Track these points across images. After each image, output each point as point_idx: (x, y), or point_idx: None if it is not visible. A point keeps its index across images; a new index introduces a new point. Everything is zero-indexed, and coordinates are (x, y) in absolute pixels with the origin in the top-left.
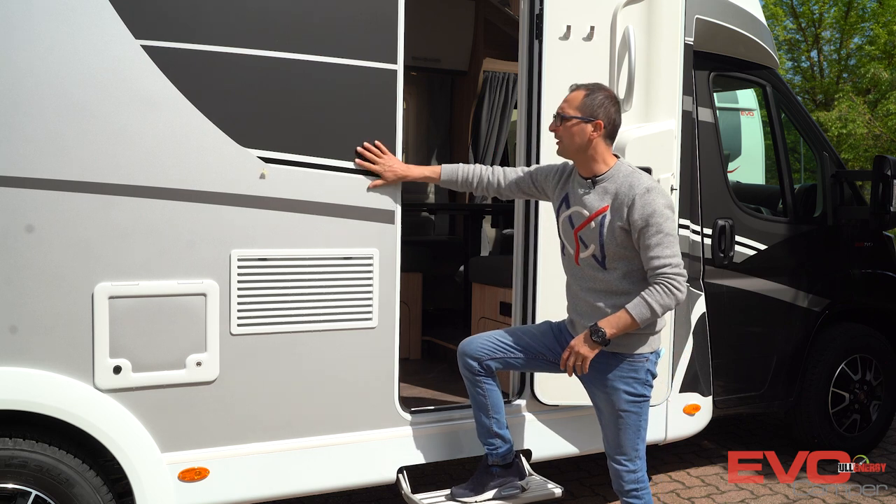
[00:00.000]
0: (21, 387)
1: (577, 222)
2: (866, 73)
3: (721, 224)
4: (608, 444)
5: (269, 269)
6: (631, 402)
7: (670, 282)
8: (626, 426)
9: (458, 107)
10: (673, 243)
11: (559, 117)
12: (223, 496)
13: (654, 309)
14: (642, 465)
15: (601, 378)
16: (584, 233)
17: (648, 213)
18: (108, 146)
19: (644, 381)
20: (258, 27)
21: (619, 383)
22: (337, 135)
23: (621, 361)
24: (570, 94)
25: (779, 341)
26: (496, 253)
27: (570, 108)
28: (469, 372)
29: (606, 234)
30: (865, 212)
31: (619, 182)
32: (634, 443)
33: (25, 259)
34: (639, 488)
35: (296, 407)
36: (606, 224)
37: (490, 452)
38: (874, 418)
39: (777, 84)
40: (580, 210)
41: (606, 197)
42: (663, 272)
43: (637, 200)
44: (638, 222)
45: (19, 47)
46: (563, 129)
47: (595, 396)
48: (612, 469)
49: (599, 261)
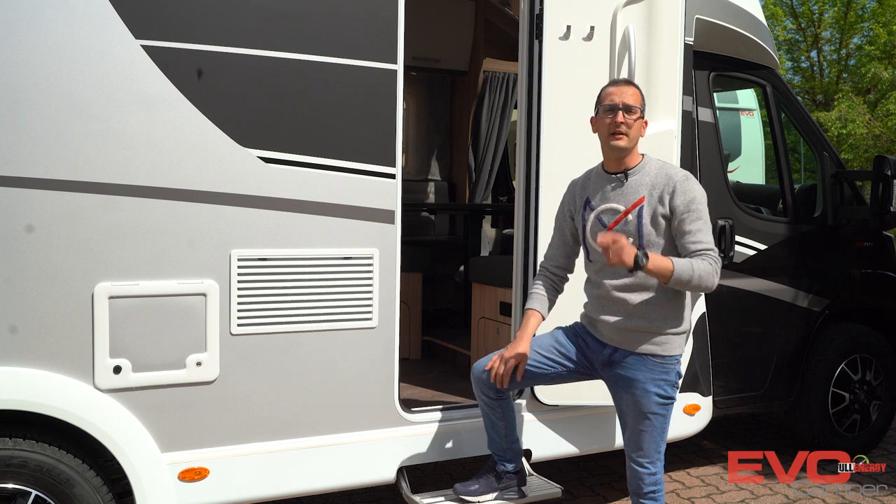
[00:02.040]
0: (21, 387)
1: (608, 220)
2: (867, 73)
3: (721, 224)
4: (630, 445)
5: (269, 269)
6: (660, 404)
7: (713, 259)
8: (653, 428)
9: (458, 107)
10: (710, 230)
11: (626, 109)
12: (223, 496)
13: (695, 272)
14: (662, 467)
15: (631, 381)
16: (619, 228)
17: (689, 199)
18: (108, 146)
19: (674, 384)
20: (258, 27)
21: (651, 386)
22: (337, 135)
23: (654, 364)
24: (625, 87)
25: (779, 341)
26: (496, 253)
27: (634, 100)
28: (487, 397)
29: (647, 223)
30: (865, 212)
31: (654, 173)
32: (658, 445)
33: (25, 259)
34: (656, 490)
35: (296, 407)
36: (645, 214)
37: (499, 460)
38: (874, 418)
39: (777, 84)
40: (612, 207)
41: (641, 188)
42: (707, 252)
43: (678, 187)
44: (680, 207)
45: (19, 47)
46: (634, 123)
47: (621, 400)
48: (631, 470)
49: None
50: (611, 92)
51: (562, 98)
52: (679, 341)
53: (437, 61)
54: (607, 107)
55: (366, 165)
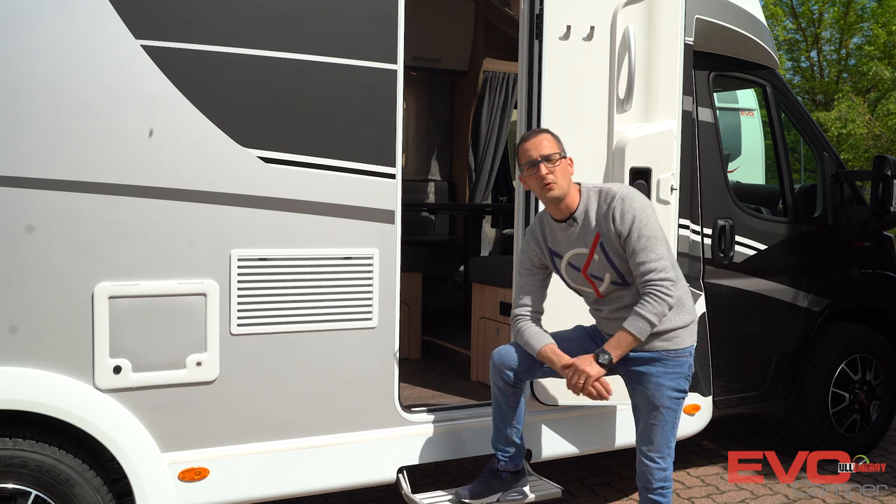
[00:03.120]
0: (21, 387)
1: (580, 264)
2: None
3: (721, 224)
4: (642, 439)
5: (269, 269)
6: (673, 398)
7: (658, 289)
8: (665, 422)
9: (458, 107)
10: (656, 245)
11: (545, 159)
12: (223, 496)
13: (650, 320)
14: (671, 463)
15: (646, 376)
16: (592, 269)
17: (630, 220)
18: (108, 146)
19: (687, 376)
20: (258, 27)
21: (665, 380)
22: (337, 135)
23: (667, 358)
24: (535, 138)
25: (779, 341)
26: (496, 253)
27: (550, 148)
28: (504, 382)
29: (613, 255)
30: (865, 212)
31: (595, 205)
32: (669, 440)
33: (25, 259)
34: (665, 486)
35: (296, 407)
36: (608, 248)
37: (502, 458)
38: (874, 418)
39: (777, 84)
40: (576, 251)
41: (591, 224)
42: (650, 279)
43: (616, 213)
44: (623, 231)
45: (19, 47)
46: (558, 169)
47: (635, 393)
48: (642, 465)
49: (621, 282)
50: (526, 148)
51: (562, 98)
52: (688, 333)
53: (437, 61)
54: (528, 164)
55: (366, 165)
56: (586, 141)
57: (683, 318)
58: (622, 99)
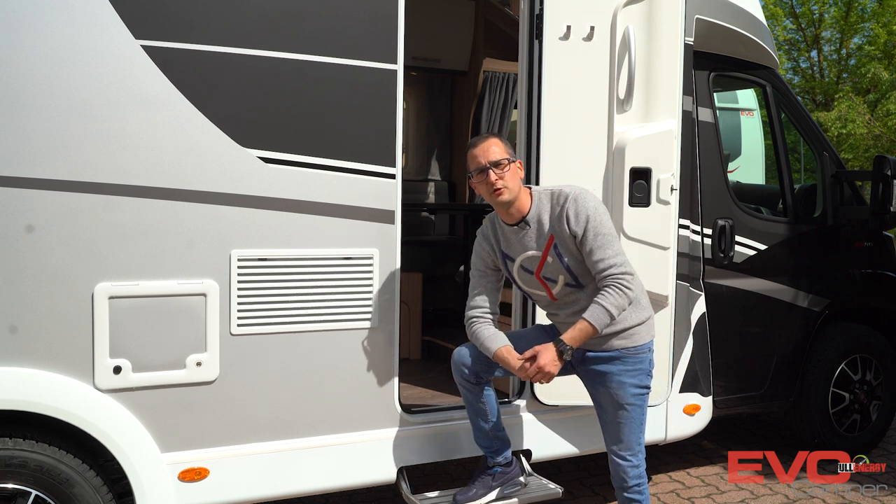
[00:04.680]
0: (21, 387)
1: (532, 267)
2: (866, 73)
3: (721, 224)
4: (611, 440)
5: (269, 269)
6: (636, 394)
7: (619, 282)
8: (631, 420)
9: (458, 107)
10: (612, 242)
11: (494, 165)
12: (223, 496)
13: (610, 312)
14: (643, 459)
15: (607, 375)
16: (545, 271)
17: (584, 220)
18: (108, 146)
19: (648, 372)
20: (258, 27)
21: (626, 377)
22: (337, 135)
23: (626, 356)
24: (483, 144)
25: (779, 341)
26: None
27: (498, 154)
28: (464, 380)
29: (567, 258)
30: (865, 212)
31: (547, 207)
32: (638, 437)
33: (25, 259)
34: (640, 483)
35: (296, 407)
36: (562, 250)
37: (490, 455)
38: (874, 418)
39: (777, 84)
40: (529, 254)
41: (545, 227)
42: (610, 273)
43: (569, 212)
44: (577, 231)
45: (19, 47)
46: (507, 174)
47: (598, 393)
48: (615, 465)
49: (574, 284)
50: (475, 155)
51: (562, 98)
52: (645, 329)
53: (437, 61)
54: (477, 170)
55: (366, 165)
56: (586, 141)
57: (640, 315)
58: (622, 99)
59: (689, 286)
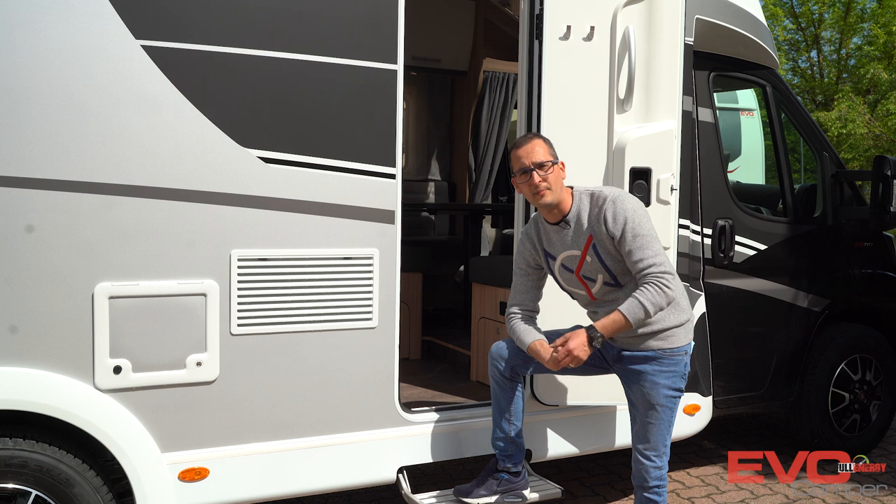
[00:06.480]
0: (21, 387)
1: (573, 266)
2: (866, 74)
3: (721, 224)
4: (637, 438)
5: (269, 269)
6: (669, 396)
7: (660, 280)
8: (660, 421)
9: (458, 107)
10: (652, 243)
11: (538, 167)
12: (223, 496)
13: (647, 309)
14: (667, 462)
15: (642, 374)
16: (585, 270)
17: (622, 222)
18: (108, 146)
19: (683, 375)
20: (258, 27)
21: (661, 378)
22: (337, 135)
23: (662, 357)
24: (527, 144)
25: (779, 341)
26: (496, 253)
27: (542, 155)
28: (499, 375)
29: (605, 257)
30: (865, 212)
31: (587, 208)
32: (665, 438)
33: (25, 259)
34: (661, 485)
35: (296, 407)
36: (600, 250)
37: (501, 457)
38: (874, 418)
39: (777, 84)
40: (569, 253)
41: (584, 227)
42: (650, 272)
43: (608, 215)
44: (616, 232)
45: (19, 47)
46: (550, 176)
47: (631, 392)
48: (638, 464)
49: (613, 283)
50: (519, 156)
51: (562, 98)
52: (683, 332)
53: (437, 61)
54: (520, 171)
55: (366, 165)
56: (586, 141)
57: (679, 317)
58: (622, 99)
59: (689, 286)
